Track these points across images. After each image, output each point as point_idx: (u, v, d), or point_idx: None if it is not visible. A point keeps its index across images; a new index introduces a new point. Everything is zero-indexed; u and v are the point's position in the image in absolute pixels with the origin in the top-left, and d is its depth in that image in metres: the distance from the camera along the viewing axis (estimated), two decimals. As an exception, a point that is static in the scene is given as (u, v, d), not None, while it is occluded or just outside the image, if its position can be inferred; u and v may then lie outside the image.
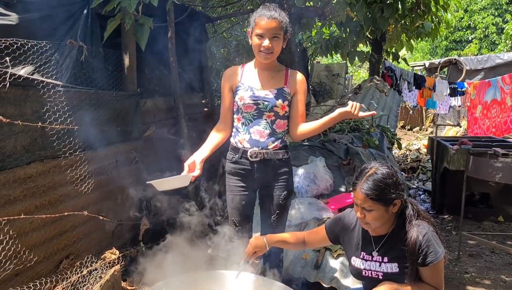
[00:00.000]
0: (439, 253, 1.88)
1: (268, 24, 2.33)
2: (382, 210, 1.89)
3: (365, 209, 1.90)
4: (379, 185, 1.86)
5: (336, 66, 11.79)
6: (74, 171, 3.02)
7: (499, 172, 3.74)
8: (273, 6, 2.42)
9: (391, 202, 1.90)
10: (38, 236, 2.71)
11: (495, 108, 8.52)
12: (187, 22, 5.01)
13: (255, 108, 2.48)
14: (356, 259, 2.09)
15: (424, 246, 1.88)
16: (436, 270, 1.92)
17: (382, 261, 2.01)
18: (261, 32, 2.35)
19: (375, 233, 2.04)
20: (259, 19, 2.35)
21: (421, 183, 7.48)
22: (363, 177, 1.91)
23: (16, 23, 2.92)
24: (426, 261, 1.88)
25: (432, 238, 1.89)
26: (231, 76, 2.59)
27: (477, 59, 11.20)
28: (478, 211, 5.55)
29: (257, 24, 2.36)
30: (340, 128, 4.82)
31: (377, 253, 2.02)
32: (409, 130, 13.95)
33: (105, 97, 3.44)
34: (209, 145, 2.56)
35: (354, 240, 2.12)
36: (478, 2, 20.06)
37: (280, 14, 2.38)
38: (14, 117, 2.52)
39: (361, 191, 1.89)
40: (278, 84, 2.51)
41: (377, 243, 2.03)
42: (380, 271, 2.00)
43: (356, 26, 7.30)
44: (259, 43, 2.37)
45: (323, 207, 3.54)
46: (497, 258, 4.24)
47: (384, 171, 1.90)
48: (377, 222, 1.93)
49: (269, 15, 2.34)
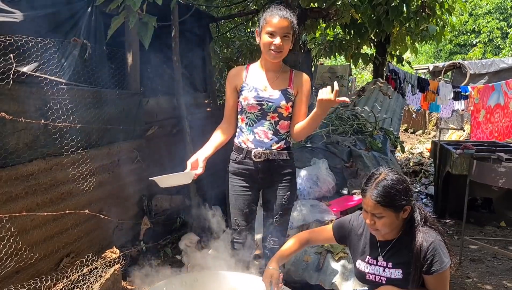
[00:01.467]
0: (444, 262, 1.87)
1: (280, 23, 2.33)
2: (392, 217, 1.88)
3: (375, 215, 1.89)
4: (390, 191, 1.85)
5: (340, 68, 11.77)
6: (76, 169, 3.02)
7: (502, 177, 3.72)
8: (283, 6, 2.41)
9: (401, 208, 1.88)
10: (39, 233, 2.70)
11: (498, 113, 8.49)
12: (191, 21, 5.00)
13: (259, 108, 2.47)
14: (361, 263, 2.09)
15: (429, 254, 1.86)
16: (441, 279, 1.90)
17: (387, 266, 2.00)
18: (272, 30, 2.34)
19: (382, 238, 2.02)
20: (271, 17, 2.35)
21: (423, 187, 7.45)
22: (372, 184, 1.89)
23: (20, 20, 2.92)
24: (431, 269, 1.87)
25: (438, 247, 1.88)
26: (236, 76, 2.58)
27: (481, 63, 11.18)
28: (480, 216, 5.52)
29: (268, 22, 2.35)
30: (343, 130, 4.80)
31: (383, 258, 2.01)
32: (412, 133, 13.92)
33: (107, 96, 3.44)
34: (212, 144, 2.55)
35: (361, 243, 2.11)
36: (483, 6, 19.99)
37: (290, 15, 2.38)
38: (17, 114, 2.51)
39: (371, 198, 1.87)
40: (282, 85, 2.50)
41: (384, 248, 2.02)
42: (384, 276, 1.99)
43: (361, 28, 7.28)
44: (270, 42, 2.36)
45: (325, 209, 3.52)
46: (499, 263, 4.22)
47: (394, 177, 1.89)
48: (386, 228, 1.91)
49: (281, 14, 2.34)
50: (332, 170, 4.04)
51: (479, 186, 4.39)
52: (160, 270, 3.07)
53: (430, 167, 8.31)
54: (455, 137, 10.77)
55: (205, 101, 5.69)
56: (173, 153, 4.59)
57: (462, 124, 11.37)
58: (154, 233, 3.97)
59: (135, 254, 3.76)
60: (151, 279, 3.43)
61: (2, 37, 2.57)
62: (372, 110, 5.45)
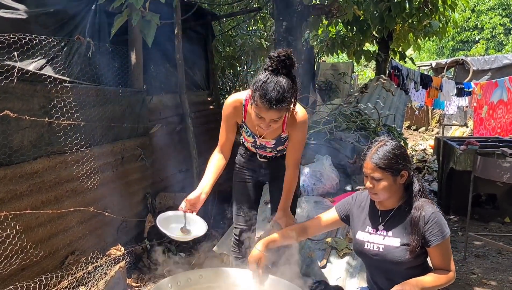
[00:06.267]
0: (445, 232, 1.96)
1: (269, 114, 2.09)
2: (390, 180, 1.98)
3: (374, 178, 1.98)
4: (388, 155, 1.96)
5: (342, 65, 11.77)
6: (80, 167, 3.02)
7: (507, 172, 3.71)
8: (275, 84, 2.03)
9: (398, 172, 1.98)
10: (44, 231, 2.71)
11: (501, 109, 8.47)
12: (193, 19, 5.01)
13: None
14: (361, 233, 2.16)
15: (430, 224, 1.94)
16: (445, 248, 1.97)
17: (386, 235, 2.07)
18: (260, 115, 2.12)
19: (382, 207, 2.11)
20: (260, 102, 2.05)
21: (427, 184, 7.43)
22: (373, 149, 2.01)
23: (26, 17, 2.94)
24: (434, 240, 1.94)
25: (439, 218, 1.97)
26: (235, 112, 2.41)
27: (484, 60, 11.13)
28: (485, 212, 5.51)
29: (257, 105, 2.09)
30: (347, 127, 4.79)
31: (383, 227, 2.09)
32: (415, 130, 13.89)
33: (111, 94, 3.44)
34: (209, 179, 2.36)
35: (362, 215, 2.20)
36: (485, 2, 19.92)
37: (283, 98, 2.04)
38: (22, 112, 2.52)
39: (371, 161, 1.98)
40: (276, 132, 2.40)
41: (384, 217, 2.10)
42: (382, 244, 2.06)
43: (363, 24, 7.27)
44: (258, 121, 2.18)
45: (329, 206, 3.52)
46: (503, 259, 4.21)
47: (393, 143, 2.01)
48: (385, 193, 2.00)
49: (270, 105, 2.02)
50: (336, 167, 4.03)
51: (483, 182, 4.37)
52: (165, 267, 3.08)
53: (434, 164, 8.29)
54: (459, 134, 10.74)
55: (208, 99, 5.70)
56: (177, 150, 4.61)
57: (466, 120, 11.34)
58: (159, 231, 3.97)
59: (140, 251, 3.77)
60: (156, 276, 3.45)
61: (6, 35, 2.58)
62: (375, 107, 5.44)
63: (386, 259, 2.03)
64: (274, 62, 2.06)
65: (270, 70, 2.08)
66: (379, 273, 2.13)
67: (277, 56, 2.05)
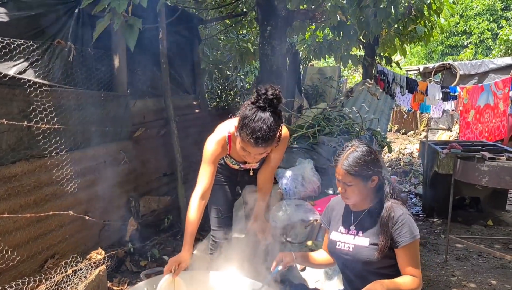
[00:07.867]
0: (414, 234, 1.97)
1: (255, 150, 2.13)
2: (360, 185, 2.01)
3: (345, 184, 2.02)
4: (358, 161, 1.99)
5: (329, 69, 11.85)
6: (60, 171, 3.03)
7: (485, 176, 3.76)
8: (262, 122, 2.04)
9: (369, 178, 2.02)
10: (22, 235, 2.71)
11: (488, 113, 8.57)
12: (179, 23, 5.02)
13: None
14: (335, 233, 2.21)
15: (399, 225, 1.97)
16: (413, 251, 1.99)
17: (357, 234, 2.11)
18: (247, 150, 2.16)
19: (355, 208, 2.15)
20: (247, 140, 2.07)
21: (413, 187, 7.50)
22: (344, 155, 2.03)
23: (6, 20, 2.94)
24: (401, 241, 1.96)
25: (408, 219, 1.99)
26: (223, 149, 2.41)
27: (471, 64, 11.26)
28: (468, 215, 5.57)
29: (243, 141, 2.11)
30: (330, 131, 4.82)
31: (354, 227, 2.13)
32: (404, 134, 14.01)
33: (93, 97, 3.45)
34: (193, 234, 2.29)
35: (337, 217, 2.25)
36: (473, 8, 20.14)
37: (269, 137, 2.07)
38: (0, 116, 2.52)
39: (342, 167, 2.00)
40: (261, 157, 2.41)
41: (356, 218, 2.14)
42: (352, 244, 2.10)
43: (350, 29, 7.31)
44: (243, 153, 2.21)
45: (310, 209, 3.54)
46: (484, 262, 4.26)
47: (364, 149, 2.03)
48: (356, 196, 2.05)
49: (257, 144, 2.06)
50: (318, 170, 4.05)
51: (466, 185, 4.43)
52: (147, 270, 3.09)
53: (420, 167, 8.37)
54: (445, 137, 10.85)
55: (194, 103, 5.71)
56: (161, 153, 4.61)
57: (452, 124, 11.45)
58: (142, 234, 3.98)
59: (122, 255, 3.77)
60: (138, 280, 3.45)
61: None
62: (359, 111, 5.48)
63: (356, 259, 2.06)
64: (262, 100, 2.05)
65: (257, 106, 2.07)
66: (352, 274, 2.16)
67: (264, 93, 2.04)
